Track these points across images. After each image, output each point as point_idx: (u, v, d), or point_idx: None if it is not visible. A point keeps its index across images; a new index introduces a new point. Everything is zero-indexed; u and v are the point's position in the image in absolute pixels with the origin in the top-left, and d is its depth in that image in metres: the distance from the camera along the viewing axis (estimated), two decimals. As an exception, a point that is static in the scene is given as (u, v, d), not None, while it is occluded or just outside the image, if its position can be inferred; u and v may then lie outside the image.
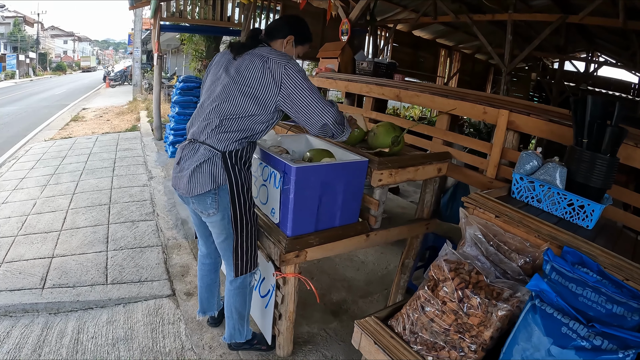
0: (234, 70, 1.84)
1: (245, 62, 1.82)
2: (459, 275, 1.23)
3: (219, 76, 1.91)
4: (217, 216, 1.89)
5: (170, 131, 6.54)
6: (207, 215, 1.90)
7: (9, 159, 6.87)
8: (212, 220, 1.92)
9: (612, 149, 1.59)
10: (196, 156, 1.84)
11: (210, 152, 1.82)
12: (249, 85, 1.78)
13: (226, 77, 1.85)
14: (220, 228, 1.93)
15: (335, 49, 4.79)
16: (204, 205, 1.88)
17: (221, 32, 9.48)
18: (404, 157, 2.16)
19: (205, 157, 1.82)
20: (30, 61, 39.36)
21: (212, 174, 1.82)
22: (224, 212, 1.89)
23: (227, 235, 1.94)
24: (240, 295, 2.08)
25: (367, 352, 1.33)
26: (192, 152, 1.88)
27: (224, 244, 1.98)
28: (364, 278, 3.23)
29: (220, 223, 1.91)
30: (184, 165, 1.89)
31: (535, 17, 6.26)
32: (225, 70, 1.88)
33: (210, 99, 1.89)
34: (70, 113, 12.86)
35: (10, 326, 2.48)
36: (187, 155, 1.89)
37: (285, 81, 1.76)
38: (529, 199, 1.74)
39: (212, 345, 2.32)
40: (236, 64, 1.85)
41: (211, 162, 1.82)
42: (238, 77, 1.81)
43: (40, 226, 3.84)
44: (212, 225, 1.96)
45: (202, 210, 1.90)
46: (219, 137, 1.82)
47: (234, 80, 1.82)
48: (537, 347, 1.10)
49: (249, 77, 1.79)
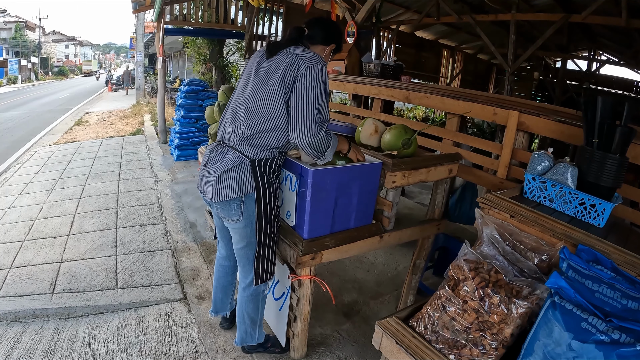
0: (263, 71, 1.80)
1: (278, 60, 1.76)
2: (479, 275, 1.25)
3: (250, 76, 1.86)
4: (241, 223, 1.86)
5: (175, 134, 6.57)
6: (231, 221, 1.88)
7: (14, 164, 6.91)
8: (234, 226, 1.89)
9: (621, 148, 1.62)
10: (224, 161, 1.81)
11: (239, 158, 1.78)
12: (277, 83, 1.72)
13: (255, 78, 1.81)
14: (241, 235, 1.91)
15: (342, 51, 4.81)
16: (228, 211, 1.84)
17: (225, 35, 9.53)
18: (417, 158, 2.18)
19: (234, 163, 1.78)
20: (32, 66, 39.54)
21: (239, 181, 1.77)
22: (247, 220, 1.85)
23: (247, 243, 1.92)
24: (253, 302, 2.08)
25: (389, 352, 1.35)
26: (220, 155, 1.84)
27: (242, 250, 1.96)
28: (374, 279, 3.24)
29: (242, 230, 1.88)
30: (211, 168, 1.86)
31: (538, 17, 6.28)
32: (257, 70, 1.83)
33: (240, 99, 1.85)
34: (73, 117, 12.93)
35: (21, 332, 2.48)
36: (214, 159, 1.86)
37: (300, 79, 1.69)
38: (541, 198, 1.76)
39: (225, 349, 2.33)
40: (267, 64, 1.80)
41: (239, 169, 1.77)
42: (267, 76, 1.76)
43: (47, 231, 3.86)
44: (234, 231, 1.93)
45: (226, 216, 1.87)
46: (249, 142, 1.77)
47: (261, 81, 1.78)
48: (558, 343, 1.12)
49: (278, 76, 1.72)
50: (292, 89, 1.71)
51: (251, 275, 2.00)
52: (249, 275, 2.01)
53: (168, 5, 7.24)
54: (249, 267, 1.99)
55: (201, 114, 6.43)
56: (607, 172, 1.60)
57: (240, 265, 2.04)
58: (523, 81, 10.62)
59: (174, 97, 11.45)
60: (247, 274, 2.01)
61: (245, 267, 2.00)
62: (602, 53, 9.50)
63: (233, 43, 12.32)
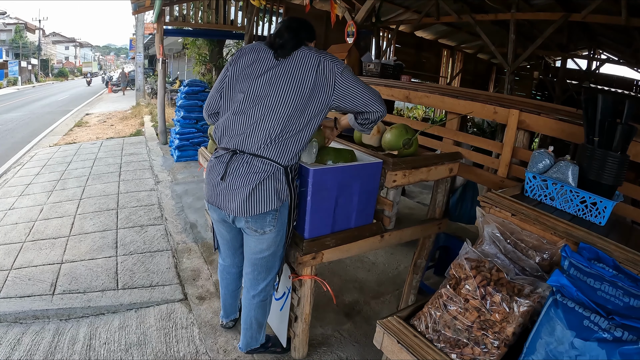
0: (282, 72, 1.72)
1: (296, 62, 1.73)
2: (481, 273, 1.25)
3: (259, 78, 1.76)
4: (272, 234, 1.80)
5: (175, 135, 6.57)
6: (262, 233, 1.79)
7: (14, 165, 6.91)
8: (264, 237, 1.80)
9: (622, 146, 1.61)
10: (252, 171, 1.69)
11: (272, 166, 1.69)
12: (304, 87, 1.69)
13: (274, 80, 1.72)
14: (269, 244, 1.83)
15: (342, 51, 4.81)
16: (262, 223, 1.76)
17: (224, 35, 9.54)
18: (417, 157, 2.17)
19: (267, 172, 1.69)
20: (32, 67, 39.58)
21: (277, 191, 1.70)
22: (279, 229, 1.80)
23: (273, 251, 1.86)
24: (262, 307, 2.06)
25: (390, 351, 1.35)
26: (244, 166, 1.71)
27: (264, 260, 1.89)
28: (375, 279, 3.24)
29: (272, 240, 1.82)
30: (235, 182, 1.71)
31: (538, 16, 6.29)
32: (270, 71, 1.74)
33: (258, 104, 1.73)
34: (73, 119, 12.94)
35: (21, 333, 2.48)
36: (237, 171, 1.71)
37: (339, 80, 1.72)
38: (542, 197, 1.75)
39: (226, 349, 2.33)
40: (284, 65, 1.73)
41: (275, 178, 1.70)
42: (290, 78, 1.71)
43: (48, 232, 3.85)
44: (261, 241, 1.82)
45: (258, 228, 1.77)
46: (279, 148, 1.69)
47: (285, 82, 1.71)
48: (560, 341, 1.12)
49: (304, 79, 1.69)
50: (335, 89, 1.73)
51: (265, 282, 1.96)
52: (262, 282, 1.96)
53: (168, 6, 7.25)
54: (264, 274, 1.94)
55: (201, 115, 6.42)
56: (608, 170, 1.60)
57: (253, 273, 1.96)
58: (523, 80, 10.64)
59: (174, 98, 11.48)
60: (260, 282, 1.96)
61: (260, 275, 1.94)
62: (602, 52, 9.49)
63: (233, 44, 12.33)
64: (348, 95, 1.74)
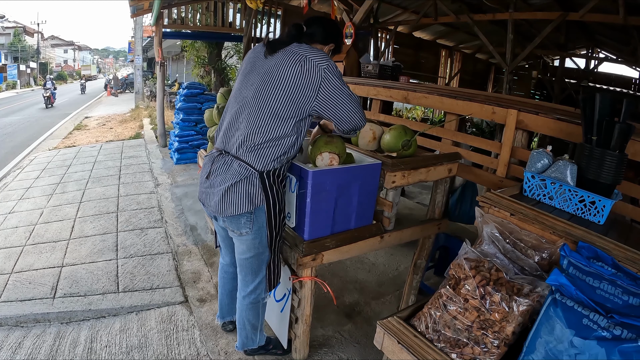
0: (264, 70, 1.69)
1: (279, 60, 1.66)
2: (480, 273, 1.25)
3: (248, 77, 1.75)
4: (250, 236, 1.79)
5: (175, 138, 6.57)
6: (239, 234, 1.79)
7: (14, 169, 6.91)
8: (243, 239, 1.81)
9: (620, 145, 1.61)
10: (229, 173, 1.69)
11: (246, 170, 1.67)
12: (283, 87, 1.63)
13: (256, 78, 1.70)
14: (249, 247, 1.83)
15: (340, 52, 4.81)
16: (237, 224, 1.76)
17: (223, 38, 9.57)
18: (416, 158, 2.18)
19: (241, 175, 1.67)
20: (31, 71, 39.54)
21: (249, 194, 1.68)
22: (257, 233, 1.78)
23: (254, 254, 1.85)
24: (253, 309, 2.05)
25: (390, 352, 1.35)
26: (224, 167, 1.72)
27: (247, 261, 1.89)
28: (375, 280, 3.24)
29: (251, 242, 1.81)
30: (215, 181, 1.74)
31: (536, 16, 6.30)
32: (256, 69, 1.73)
33: (240, 103, 1.73)
34: (73, 122, 12.95)
35: (22, 336, 2.48)
36: (217, 171, 1.74)
37: (324, 85, 1.63)
38: (540, 196, 1.75)
39: (227, 351, 2.33)
40: (268, 63, 1.69)
41: (248, 182, 1.67)
42: (269, 77, 1.66)
43: (48, 235, 3.86)
44: (241, 242, 1.84)
45: (234, 229, 1.79)
46: (255, 153, 1.66)
47: (264, 82, 1.67)
48: (560, 339, 1.12)
49: (283, 78, 1.63)
50: (318, 93, 1.64)
51: (253, 284, 1.97)
52: (250, 285, 1.97)
53: (166, 9, 7.26)
54: (250, 276, 1.95)
55: (200, 117, 6.43)
56: (607, 169, 1.60)
57: (241, 274, 1.98)
58: (522, 80, 10.63)
59: (173, 100, 11.46)
60: (248, 283, 1.97)
61: (247, 277, 1.95)
62: (600, 51, 9.51)
63: (231, 46, 12.37)
64: (331, 103, 1.66)
